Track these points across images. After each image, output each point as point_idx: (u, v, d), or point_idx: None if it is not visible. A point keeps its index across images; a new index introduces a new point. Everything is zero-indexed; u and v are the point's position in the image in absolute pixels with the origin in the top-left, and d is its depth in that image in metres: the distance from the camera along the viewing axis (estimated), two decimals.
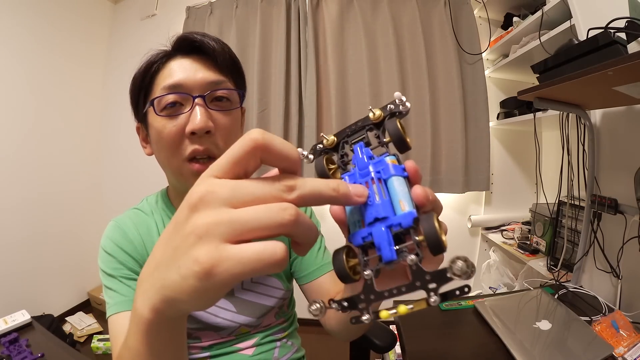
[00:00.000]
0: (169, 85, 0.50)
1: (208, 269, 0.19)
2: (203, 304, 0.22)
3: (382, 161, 0.26)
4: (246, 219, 0.19)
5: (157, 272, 0.23)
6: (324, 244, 0.70)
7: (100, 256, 0.57)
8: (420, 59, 1.74)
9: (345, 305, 0.24)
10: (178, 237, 0.21)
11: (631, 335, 0.73)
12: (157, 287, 0.23)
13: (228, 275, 0.19)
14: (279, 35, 1.82)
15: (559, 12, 1.16)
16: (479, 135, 1.72)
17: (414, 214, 0.23)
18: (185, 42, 0.53)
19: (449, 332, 0.81)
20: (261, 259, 0.19)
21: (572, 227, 1.14)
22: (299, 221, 0.20)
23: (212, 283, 0.19)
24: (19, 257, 1.81)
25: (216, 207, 0.20)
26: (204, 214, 0.20)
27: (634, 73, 0.62)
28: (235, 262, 0.19)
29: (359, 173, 0.26)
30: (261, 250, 0.19)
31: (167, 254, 0.22)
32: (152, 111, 0.52)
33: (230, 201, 0.20)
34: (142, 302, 0.24)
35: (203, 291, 0.20)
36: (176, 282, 0.21)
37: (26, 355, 0.72)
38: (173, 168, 0.53)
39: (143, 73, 0.53)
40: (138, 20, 2.25)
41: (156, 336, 0.26)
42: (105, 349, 1.75)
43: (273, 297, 0.64)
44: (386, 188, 0.25)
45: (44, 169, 1.97)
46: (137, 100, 0.55)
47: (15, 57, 1.80)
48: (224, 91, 0.53)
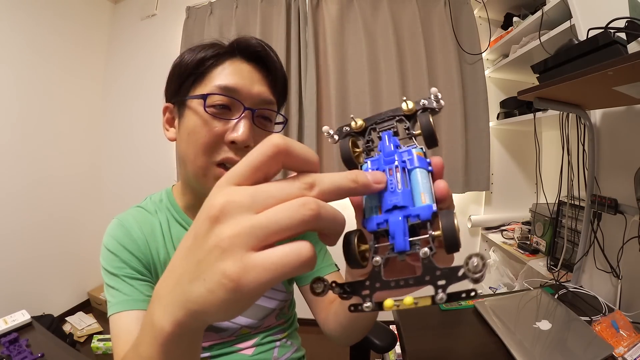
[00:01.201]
0: (224, 85, 0.50)
1: (236, 280, 0.19)
2: (231, 315, 0.22)
3: (409, 152, 0.26)
4: (267, 223, 0.19)
5: (180, 287, 0.22)
6: (325, 246, 0.69)
7: (103, 254, 0.57)
8: (420, 59, 1.74)
9: (347, 289, 0.24)
10: (200, 251, 0.21)
11: (631, 335, 0.73)
12: (180, 301, 0.22)
13: (257, 284, 0.19)
14: (279, 35, 1.82)
15: (559, 12, 1.16)
16: (479, 135, 1.72)
17: (433, 208, 0.23)
18: (250, 47, 0.53)
19: (449, 332, 0.81)
20: (287, 262, 0.19)
21: (572, 227, 1.14)
22: (321, 214, 0.20)
23: (241, 294, 0.19)
24: (19, 257, 1.81)
25: (237, 217, 0.19)
26: (226, 225, 0.19)
27: (634, 73, 0.62)
28: (262, 270, 0.18)
29: (384, 160, 0.26)
30: (286, 254, 0.19)
31: (189, 268, 0.22)
32: (197, 103, 0.50)
33: (251, 207, 0.20)
34: (162, 316, 0.23)
35: (233, 303, 0.20)
36: (203, 295, 0.20)
37: (26, 355, 0.72)
38: (197, 166, 0.51)
39: (198, 62, 0.52)
40: (138, 20, 2.25)
41: (175, 348, 0.25)
42: (105, 349, 1.75)
43: (275, 299, 0.64)
44: (409, 179, 0.25)
45: (44, 169, 1.97)
46: (180, 83, 0.53)
47: (15, 57, 1.80)
48: (270, 112, 0.54)
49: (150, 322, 0.25)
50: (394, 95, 1.74)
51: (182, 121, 0.53)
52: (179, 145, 0.54)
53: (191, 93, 0.52)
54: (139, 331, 0.27)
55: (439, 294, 0.21)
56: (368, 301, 0.23)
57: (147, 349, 0.26)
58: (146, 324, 0.26)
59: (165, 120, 0.58)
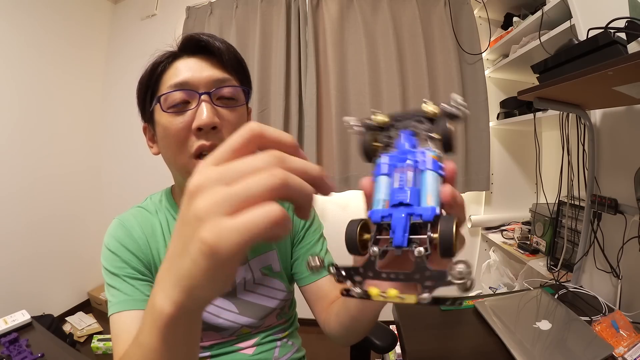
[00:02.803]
0: (175, 83, 0.51)
1: (212, 245, 0.20)
2: (218, 286, 0.23)
3: (424, 153, 0.26)
4: (239, 191, 0.20)
5: (173, 267, 0.24)
6: (325, 246, 0.69)
7: (104, 254, 0.57)
8: (420, 59, 1.73)
9: (342, 273, 0.25)
10: (185, 228, 0.22)
11: (631, 335, 0.73)
12: (175, 280, 0.23)
13: (231, 246, 0.20)
14: (279, 35, 1.82)
15: (559, 12, 1.16)
16: (479, 135, 1.72)
17: (436, 211, 0.23)
18: (191, 42, 0.54)
19: (449, 332, 0.81)
20: (257, 221, 0.20)
21: (572, 227, 1.14)
22: (290, 182, 0.21)
23: (219, 259, 0.20)
24: (19, 257, 1.81)
25: (212, 189, 0.21)
26: (202, 198, 0.21)
27: (634, 73, 0.62)
28: (235, 232, 0.19)
29: (398, 157, 0.27)
30: (256, 214, 0.20)
31: (178, 247, 0.23)
32: (158, 109, 0.52)
33: (224, 180, 0.21)
34: (162, 299, 0.25)
35: (214, 270, 0.21)
36: (189, 268, 0.22)
37: (26, 355, 0.72)
38: (179, 165, 0.53)
39: (149, 73, 0.54)
40: (138, 20, 2.25)
41: (174, 332, 0.26)
42: (105, 349, 1.75)
43: (275, 298, 0.64)
44: (420, 179, 0.26)
45: (44, 169, 1.97)
46: (143, 101, 0.56)
47: (15, 57, 1.80)
48: (229, 89, 0.53)
49: (151, 307, 0.26)
50: (394, 95, 1.74)
51: (156, 132, 0.55)
52: (162, 155, 0.56)
53: (151, 105, 0.54)
54: (142, 321, 0.28)
55: (424, 294, 0.21)
56: (358, 287, 0.24)
57: (147, 336, 0.27)
58: (147, 311, 0.27)
59: (148, 139, 0.60)
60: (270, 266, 0.64)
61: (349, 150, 1.81)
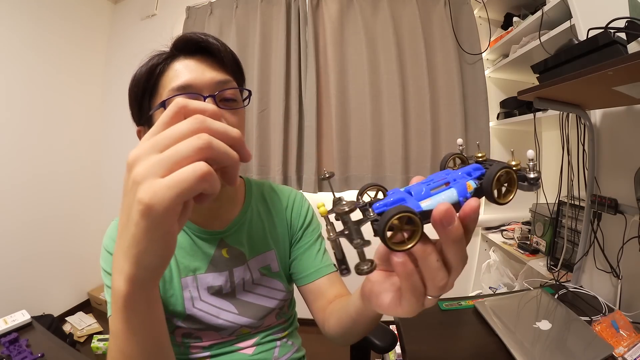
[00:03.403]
0: (178, 86, 0.50)
1: (148, 202, 0.22)
2: (160, 247, 0.25)
3: (464, 177, 0.27)
4: (169, 154, 0.23)
5: (121, 240, 0.26)
6: (324, 246, 0.69)
7: (103, 256, 0.57)
8: (420, 59, 1.74)
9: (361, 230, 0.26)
10: (126, 198, 0.25)
11: (631, 335, 0.73)
12: (123, 253, 0.26)
13: (164, 201, 0.22)
14: (279, 35, 1.82)
15: (559, 12, 1.16)
16: (479, 135, 1.72)
17: (420, 207, 0.25)
18: (189, 42, 0.53)
19: (449, 332, 0.81)
20: (186, 177, 0.22)
21: (572, 227, 1.14)
22: (213, 144, 0.24)
23: (156, 215, 0.23)
24: (19, 257, 1.81)
25: (146, 157, 0.24)
26: (137, 166, 0.24)
27: (634, 73, 0.62)
28: (167, 188, 0.22)
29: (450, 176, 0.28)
30: (184, 171, 0.23)
31: (123, 219, 0.26)
32: (160, 114, 0.51)
33: (156, 148, 0.24)
34: (117, 279, 0.27)
35: (153, 229, 0.23)
36: (133, 234, 0.24)
37: (26, 355, 0.72)
38: None
39: (147, 75, 0.52)
40: (138, 20, 2.25)
41: (134, 310, 0.28)
42: (105, 349, 1.75)
43: (274, 298, 0.64)
44: (442, 190, 0.26)
45: (44, 169, 1.97)
46: (139, 103, 0.54)
47: (15, 57, 1.80)
48: (231, 91, 0.53)
49: (112, 292, 0.28)
50: (394, 95, 1.74)
51: None
52: None
53: (151, 107, 0.53)
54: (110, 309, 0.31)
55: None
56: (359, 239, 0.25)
57: (114, 323, 0.30)
58: (111, 299, 0.29)
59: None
60: (268, 266, 0.64)
61: (349, 150, 1.81)
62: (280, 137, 1.80)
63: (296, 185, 1.85)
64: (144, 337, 0.31)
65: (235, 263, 0.61)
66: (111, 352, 0.33)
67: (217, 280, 0.60)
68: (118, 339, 0.30)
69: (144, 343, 0.31)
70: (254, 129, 1.83)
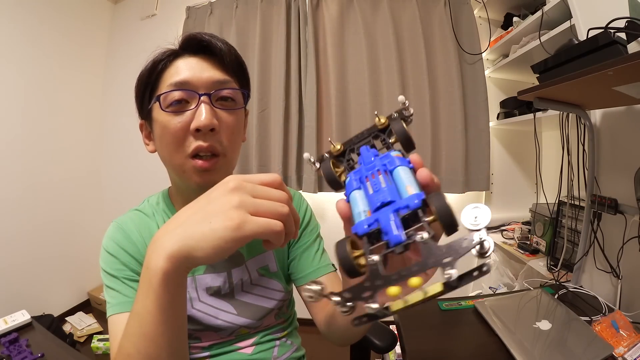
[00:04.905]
0: (175, 82, 0.51)
1: (239, 224, 0.29)
2: (215, 254, 0.30)
3: (388, 155, 0.27)
4: (261, 204, 0.31)
5: (182, 228, 0.31)
6: (322, 246, 0.69)
7: (102, 257, 0.57)
8: (420, 59, 1.73)
9: (347, 296, 0.22)
10: (213, 206, 0.31)
11: (631, 335, 0.73)
12: (178, 238, 0.31)
13: (249, 231, 0.29)
14: (279, 35, 1.82)
15: (559, 12, 1.16)
16: (478, 135, 1.72)
17: (421, 195, 0.23)
18: (193, 41, 0.53)
19: (449, 332, 0.81)
20: (267, 226, 0.30)
21: (572, 227, 1.14)
22: (289, 217, 0.32)
23: (236, 235, 0.29)
24: (19, 257, 1.81)
25: (245, 194, 0.31)
26: (238, 195, 0.31)
27: (634, 73, 0.62)
28: (254, 224, 0.30)
29: (365, 168, 0.28)
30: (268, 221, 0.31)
31: (197, 216, 0.31)
32: (157, 107, 0.52)
33: (253, 193, 0.32)
34: (157, 256, 0.31)
35: (226, 241, 0.29)
36: (204, 232, 0.30)
37: (26, 355, 0.72)
38: (176, 164, 0.53)
39: (149, 70, 0.53)
40: (138, 20, 2.25)
41: (165, 290, 0.32)
42: (105, 349, 1.75)
43: (273, 299, 0.64)
44: (392, 178, 0.26)
45: (44, 170, 1.97)
46: (142, 97, 0.56)
47: (14, 57, 1.80)
48: (229, 91, 0.53)
49: (146, 271, 0.33)
50: (394, 95, 1.74)
51: (153, 130, 0.55)
52: (158, 153, 0.56)
53: (149, 102, 0.54)
54: (137, 293, 0.35)
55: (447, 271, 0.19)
56: (371, 302, 0.21)
57: (142, 302, 0.33)
58: (142, 279, 0.33)
59: (144, 136, 0.60)
60: (267, 266, 0.64)
61: None
62: (280, 137, 1.80)
63: (296, 185, 1.85)
64: (170, 317, 0.34)
65: (234, 264, 0.61)
66: (131, 338, 0.35)
67: (216, 281, 0.60)
68: (144, 319, 0.33)
69: (170, 323, 0.34)
70: (254, 129, 1.83)
